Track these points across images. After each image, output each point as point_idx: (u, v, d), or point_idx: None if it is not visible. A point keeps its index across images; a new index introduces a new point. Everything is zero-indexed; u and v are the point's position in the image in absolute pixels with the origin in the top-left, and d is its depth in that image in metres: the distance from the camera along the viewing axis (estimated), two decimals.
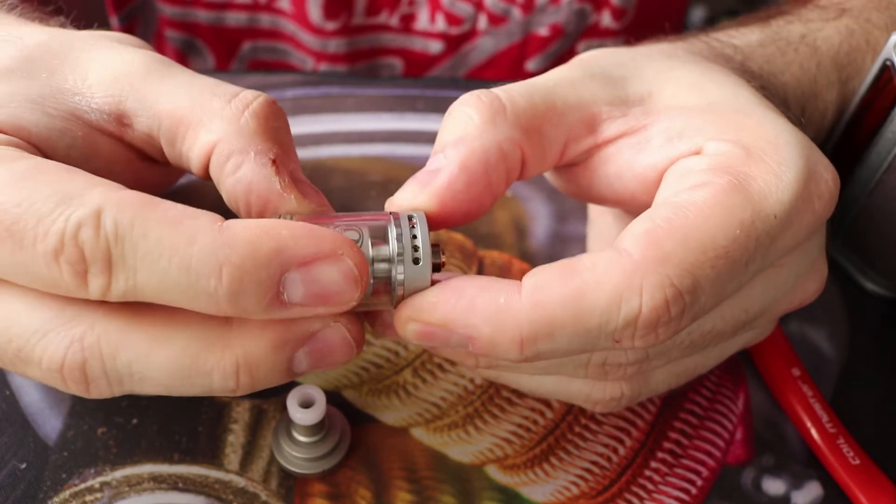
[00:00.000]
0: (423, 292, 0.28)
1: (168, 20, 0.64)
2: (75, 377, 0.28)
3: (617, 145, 0.32)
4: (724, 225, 0.28)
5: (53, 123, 0.31)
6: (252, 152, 0.30)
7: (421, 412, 0.37)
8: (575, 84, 0.32)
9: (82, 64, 0.32)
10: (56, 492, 0.34)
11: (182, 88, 0.32)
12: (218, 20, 0.63)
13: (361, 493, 0.35)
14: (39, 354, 0.28)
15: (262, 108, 0.31)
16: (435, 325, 0.28)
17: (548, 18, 0.63)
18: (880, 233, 0.42)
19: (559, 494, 0.35)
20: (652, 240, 0.27)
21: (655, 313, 0.27)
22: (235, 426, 0.36)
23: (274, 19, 0.64)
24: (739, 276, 0.28)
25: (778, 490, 0.36)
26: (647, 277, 0.27)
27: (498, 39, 0.64)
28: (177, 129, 0.31)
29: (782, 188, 0.29)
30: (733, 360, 0.40)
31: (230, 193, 0.30)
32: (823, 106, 0.41)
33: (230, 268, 0.25)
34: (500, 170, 0.30)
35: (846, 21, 0.43)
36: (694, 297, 0.27)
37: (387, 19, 0.63)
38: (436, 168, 0.30)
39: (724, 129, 0.30)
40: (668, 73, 0.33)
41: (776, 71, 0.39)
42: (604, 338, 0.27)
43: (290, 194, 0.30)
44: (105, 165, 0.32)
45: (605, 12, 0.63)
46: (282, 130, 0.32)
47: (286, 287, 0.26)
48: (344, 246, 0.27)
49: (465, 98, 0.31)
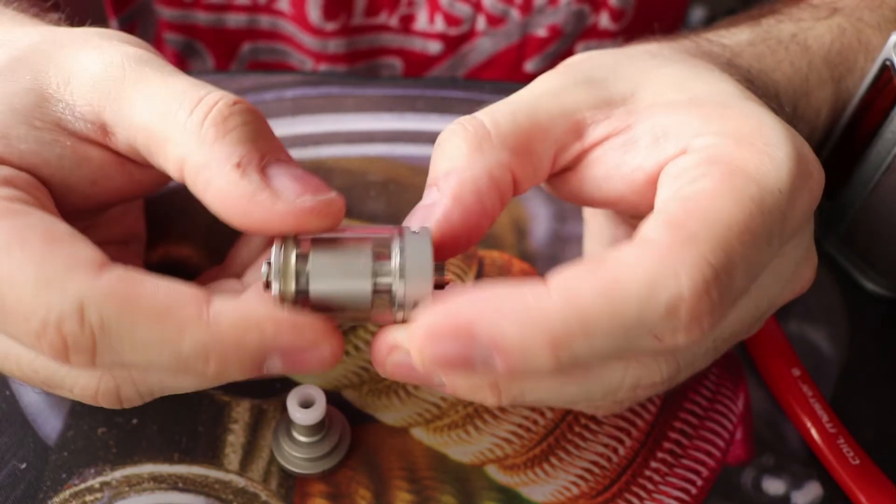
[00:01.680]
0: (440, 299, 0.26)
1: (167, 23, 0.64)
2: (110, 401, 0.30)
3: (603, 147, 0.32)
4: (737, 203, 0.27)
5: (41, 136, 0.30)
6: (214, 163, 0.29)
7: (421, 412, 0.37)
8: (558, 93, 0.32)
9: (66, 65, 0.31)
10: (56, 492, 0.34)
11: (153, 98, 0.31)
12: (217, 22, 0.63)
13: (361, 493, 0.35)
14: (70, 385, 0.29)
15: (219, 113, 0.30)
16: (457, 334, 0.25)
17: (546, 19, 0.63)
18: (880, 233, 0.42)
19: (559, 494, 0.35)
20: (676, 226, 0.26)
21: (698, 297, 0.25)
22: (235, 426, 0.36)
23: (273, 20, 0.64)
24: (765, 253, 0.28)
25: (778, 490, 0.36)
26: (682, 260, 0.25)
27: (496, 40, 0.64)
28: (150, 144, 0.31)
29: (778, 166, 0.28)
30: (733, 360, 0.40)
31: (212, 209, 0.30)
32: (817, 104, 0.41)
33: (217, 357, 0.27)
34: (492, 195, 0.30)
35: (838, 20, 0.43)
36: (730, 277, 0.26)
37: (386, 20, 0.63)
38: (431, 202, 0.30)
39: (708, 123, 0.30)
40: (651, 72, 0.33)
41: (766, 69, 0.39)
42: (644, 334, 0.26)
43: (262, 195, 0.28)
44: (98, 171, 0.32)
45: (603, 13, 0.63)
46: (248, 127, 0.30)
47: (267, 364, 0.28)
48: (323, 338, 0.28)
49: (451, 128, 0.32)
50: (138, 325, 0.26)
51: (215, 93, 0.31)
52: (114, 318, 0.26)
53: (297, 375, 0.38)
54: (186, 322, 0.26)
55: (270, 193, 0.28)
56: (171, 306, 0.27)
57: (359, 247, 0.29)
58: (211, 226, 0.42)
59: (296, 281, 0.28)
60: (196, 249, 0.41)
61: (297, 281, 0.28)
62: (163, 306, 0.26)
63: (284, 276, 0.28)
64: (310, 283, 0.28)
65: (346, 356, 0.38)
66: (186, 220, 0.42)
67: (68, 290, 0.26)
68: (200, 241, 0.42)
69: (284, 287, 0.28)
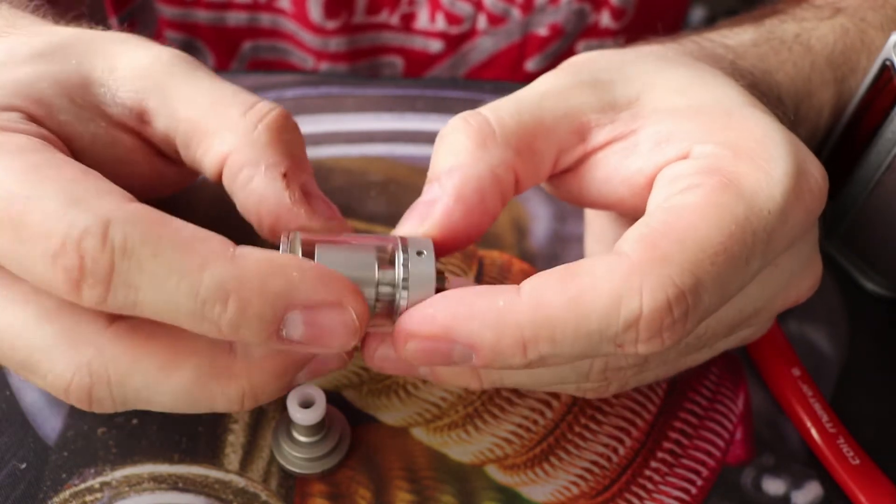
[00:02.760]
0: (421, 304, 0.28)
1: (168, 21, 0.64)
2: (80, 398, 0.28)
3: (606, 151, 0.32)
4: (718, 222, 0.27)
5: (80, 113, 0.31)
6: (263, 165, 0.31)
7: (421, 412, 0.37)
8: (563, 94, 0.32)
9: (113, 55, 0.32)
10: (56, 492, 0.34)
11: (202, 94, 0.32)
12: (218, 20, 0.63)
13: (361, 493, 0.35)
14: (45, 371, 0.28)
15: (275, 120, 0.32)
16: (436, 338, 0.27)
17: (547, 18, 0.63)
18: (880, 233, 0.42)
19: (559, 494, 0.35)
20: (648, 242, 0.27)
21: (658, 314, 0.26)
22: (235, 426, 0.36)
23: (274, 19, 0.64)
24: (741, 273, 0.28)
25: (778, 490, 0.36)
26: (647, 278, 0.26)
27: (497, 39, 0.64)
28: (192, 135, 0.32)
29: (773, 184, 0.29)
30: (733, 361, 0.40)
31: (242, 205, 0.31)
32: (819, 105, 0.41)
33: (237, 299, 0.25)
34: (495, 194, 0.30)
35: (841, 20, 0.43)
36: (697, 297, 0.27)
37: (387, 18, 0.63)
38: (432, 199, 0.30)
39: (711, 131, 0.30)
40: (656, 75, 0.33)
41: (769, 69, 0.39)
42: (606, 342, 0.27)
43: (301, 209, 0.30)
44: (125, 157, 0.33)
45: (604, 12, 0.63)
46: (295, 143, 0.32)
47: (286, 324, 0.26)
48: (349, 296, 0.27)
49: (454, 123, 0.31)
50: (161, 252, 0.25)
51: (268, 101, 0.32)
52: (138, 240, 0.25)
53: None
54: (210, 255, 0.25)
55: (307, 209, 0.30)
56: (196, 239, 0.26)
57: (363, 254, 0.29)
58: (211, 226, 0.42)
59: None
60: None
61: None
62: (188, 237, 0.26)
63: None
64: None
65: None
66: (188, 220, 0.42)
67: (95, 209, 0.25)
68: None
69: None
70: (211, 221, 0.42)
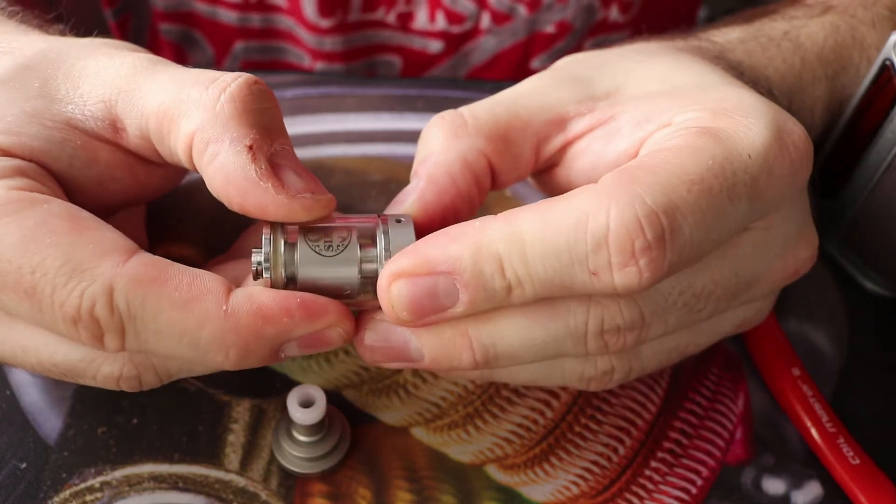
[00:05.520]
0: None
1: (162, 13, 0.63)
2: (132, 387, 0.31)
3: (587, 139, 0.33)
4: (694, 156, 0.28)
5: (52, 135, 0.31)
6: (228, 140, 0.29)
7: (421, 412, 0.37)
8: (541, 91, 0.34)
9: (75, 72, 0.32)
10: (56, 491, 0.34)
11: (166, 84, 0.31)
12: (213, 14, 0.63)
13: (361, 493, 0.35)
14: (92, 374, 0.30)
15: (239, 90, 0.30)
16: (418, 271, 0.28)
17: (555, 16, 0.62)
18: (880, 232, 0.42)
19: (559, 494, 0.35)
20: (623, 171, 0.28)
21: (626, 231, 0.26)
22: (235, 426, 0.36)
23: (269, 17, 0.63)
24: (724, 210, 0.28)
25: (778, 490, 0.36)
26: (616, 197, 0.26)
27: (501, 38, 0.63)
28: (162, 125, 0.31)
29: (752, 134, 0.29)
30: (733, 361, 0.40)
31: (210, 184, 0.30)
32: (811, 101, 0.41)
33: (236, 349, 0.28)
34: (466, 177, 0.32)
35: (831, 17, 0.43)
36: (672, 220, 0.26)
37: (383, 16, 0.62)
38: (411, 188, 0.32)
39: (690, 104, 0.31)
40: (636, 67, 0.34)
41: (758, 65, 0.39)
42: (578, 264, 0.27)
43: (268, 183, 0.29)
44: (106, 172, 0.33)
45: (613, 6, 0.62)
46: (263, 111, 0.31)
47: (284, 349, 0.29)
48: (337, 320, 0.29)
49: (432, 121, 0.34)
50: (161, 314, 0.27)
51: (232, 73, 0.31)
52: (138, 305, 0.27)
53: (298, 376, 0.38)
54: (206, 313, 0.28)
55: (275, 183, 0.29)
56: (191, 298, 0.28)
57: (345, 235, 0.30)
58: (211, 226, 0.42)
59: (284, 269, 0.29)
60: (196, 249, 0.41)
61: (285, 269, 0.29)
62: (185, 296, 0.28)
63: (274, 264, 0.29)
64: (298, 271, 0.29)
65: (345, 356, 0.39)
66: (186, 221, 0.42)
67: (98, 276, 0.27)
68: (200, 241, 0.42)
69: (274, 275, 0.29)
70: (211, 222, 0.42)
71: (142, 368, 0.30)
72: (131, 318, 0.27)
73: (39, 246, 0.27)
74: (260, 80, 0.31)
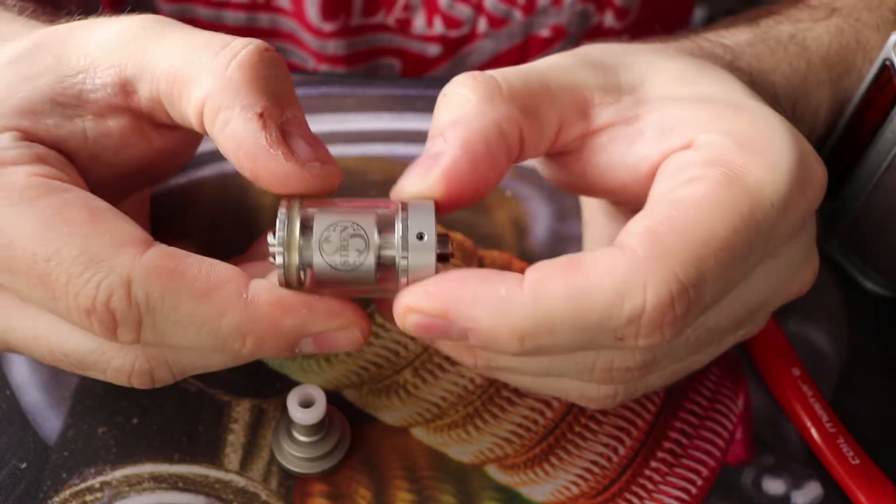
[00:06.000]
0: (423, 282, 0.28)
1: None
2: (143, 382, 0.30)
3: (609, 135, 0.32)
4: (724, 217, 0.27)
5: (65, 111, 0.31)
6: (238, 107, 0.29)
7: (421, 412, 0.37)
8: (568, 68, 0.33)
9: (85, 41, 0.32)
10: (56, 491, 0.34)
11: (176, 47, 0.31)
12: (217, 18, 0.63)
13: (361, 493, 0.35)
14: (102, 368, 0.30)
15: (249, 56, 0.30)
16: (435, 316, 0.28)
17: (549, 20, 0.62)
18: (880, 232, 0.42)
19: (559, 494, 0.35)
20: (654, 236, 0.27)
21: (660, 310, 0.26)
22: (235, 426, 0.36)
23: (274, 18, 0.64)
24: (743, 266, 0.28)
25: (778, 490, 0.36)
26: (652, 273, 0.26)
27: (498, 42, 0.64)
28: (174, 88, 0.31)
29: (777, 178, 0.29)
30: (733, 361, 0.40)
31: (223, 150, 0.30)
32: (815, 104, 0.41)
33: (254, 337, 0.28)
34: (501, 148, 0.30)
35: (836, 20, 0.43)
36: (699, 291, 0.27)
37: (384, 19, 0.62)
38: (437, 151, 0.29)
39: (716, 121, 0.30)
40: (658, 64, 0.33)
41: (765, 69, 0.39)
42: (605, 335, 0.27)
43: (278, 150, 0.29)
44: (120, 140, 0.32)
45: (608, 12, 0.63)
46: (274, 79, 0.30)
47: (300, 345, 0.29)
48: (354, 319, 0.29)
49: (460, 79, 0.31)
50: (181, 305, 0.27)
51: (242, 39, 0.31)
52: (158, 296, 0.27)
53: (298, 376, 0.38)
54: (226, 303, 0.28)
55: (285, 150, 0.29)
56: (210, 287, 0.28)
57: (363, 219, 0.29)
58: (213, 224, 0.42)
59: (300, 254, 0.29)
60: (198, 248, 0.41)
61: (301, 254, 0.29)
62: (204, 286, 0.28)
63: (289, 248, 0.28)
64: (314, 256, 0.29)
65: (345, 356, 0.39)
66: (188, 219, 0.42)
67: (115, 267, 0.27)
68: (202, 240, 0.42)
69: (289, 260, 0.28)
70: (211, 223, 0.42)
71: (154, 363, 0.30)
72: (150, 310, 0.27)
73: (56, 234, 0.27)
74: (271, 47, 0.31)
